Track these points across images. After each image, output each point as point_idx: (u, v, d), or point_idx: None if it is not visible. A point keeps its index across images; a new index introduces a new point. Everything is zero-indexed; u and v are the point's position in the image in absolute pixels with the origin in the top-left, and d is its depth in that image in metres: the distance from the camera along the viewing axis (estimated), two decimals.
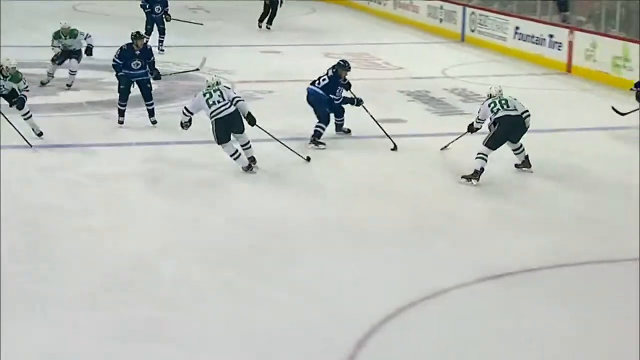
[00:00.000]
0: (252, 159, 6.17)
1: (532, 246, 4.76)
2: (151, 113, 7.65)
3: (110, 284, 4.18)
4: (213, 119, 5.86)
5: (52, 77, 9.04)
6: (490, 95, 6.28)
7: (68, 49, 8.89)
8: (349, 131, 7.46)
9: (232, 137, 5.97)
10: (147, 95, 7.57)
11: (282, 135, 6.75)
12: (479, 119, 6.36)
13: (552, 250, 4.65)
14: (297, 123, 7.33)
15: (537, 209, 5.71)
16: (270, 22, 13.96)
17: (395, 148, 6.65)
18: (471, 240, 4.95)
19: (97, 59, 9.27)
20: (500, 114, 5.98)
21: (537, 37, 11.26)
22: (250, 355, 3.45)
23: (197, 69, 8.67)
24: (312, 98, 7.01)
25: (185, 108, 6.18)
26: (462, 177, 5.85)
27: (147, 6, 11.34)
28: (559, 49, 10.67)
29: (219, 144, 5.93)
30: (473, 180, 5.82)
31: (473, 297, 4.09)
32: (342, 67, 7.16)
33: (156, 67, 7.78)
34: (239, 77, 9.90)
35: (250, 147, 6.18)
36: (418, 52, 12.53)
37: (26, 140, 6.40)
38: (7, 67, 6.74)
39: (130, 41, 7.52)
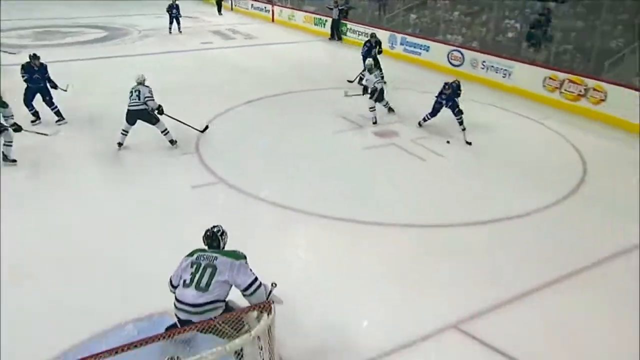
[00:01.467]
0: (172, 142, 8.14)
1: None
2: (57, 114, 9.07)
3: None
4: (127, 108, 7.79)
5: None
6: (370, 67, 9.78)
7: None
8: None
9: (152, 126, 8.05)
10: (48, 102, 9.00)
11: None
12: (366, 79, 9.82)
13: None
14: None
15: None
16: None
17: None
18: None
19: None
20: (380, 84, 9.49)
21: (261, 8, 23.87)
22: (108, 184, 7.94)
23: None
24: None
25: None
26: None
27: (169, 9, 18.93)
28: (267, 12, 23.22)
29: (126, 121, 7.90)
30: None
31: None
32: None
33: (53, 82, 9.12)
34: None
35: (167, 133, 8.12)
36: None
37: None
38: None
39: (29, 60, 8.78)
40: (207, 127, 8.85)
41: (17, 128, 7.40)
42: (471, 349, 4.40)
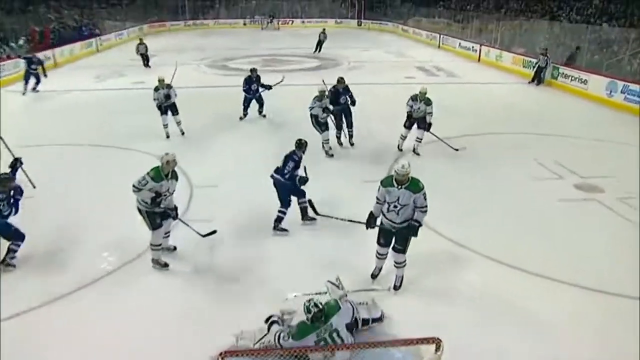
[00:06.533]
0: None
1: None
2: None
3: None
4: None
5: None
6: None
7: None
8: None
9: None
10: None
11: None
12: None
13: None
14: None
15: None
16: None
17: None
18: None
19: None
20: None
21: (468, 47, 23.19)
22: None
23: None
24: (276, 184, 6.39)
25: None
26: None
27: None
28: (475, 52, 22.44)
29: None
30: None
31: None
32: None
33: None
34: None
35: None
36: None
37: None
38: None
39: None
40: (212, 232, 6.31)
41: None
42: None
